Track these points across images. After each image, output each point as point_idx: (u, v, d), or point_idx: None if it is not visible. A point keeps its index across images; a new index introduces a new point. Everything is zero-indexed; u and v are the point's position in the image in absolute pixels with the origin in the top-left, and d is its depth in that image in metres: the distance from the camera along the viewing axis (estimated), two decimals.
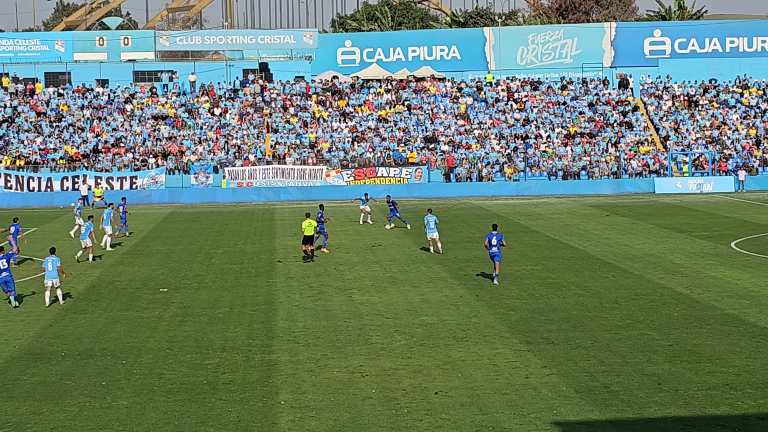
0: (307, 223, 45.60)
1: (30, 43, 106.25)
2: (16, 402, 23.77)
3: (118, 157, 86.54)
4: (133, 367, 26.83)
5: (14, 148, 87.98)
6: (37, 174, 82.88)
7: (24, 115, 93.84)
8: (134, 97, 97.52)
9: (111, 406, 23.33)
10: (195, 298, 37.10)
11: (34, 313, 34.62)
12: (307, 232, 45.54)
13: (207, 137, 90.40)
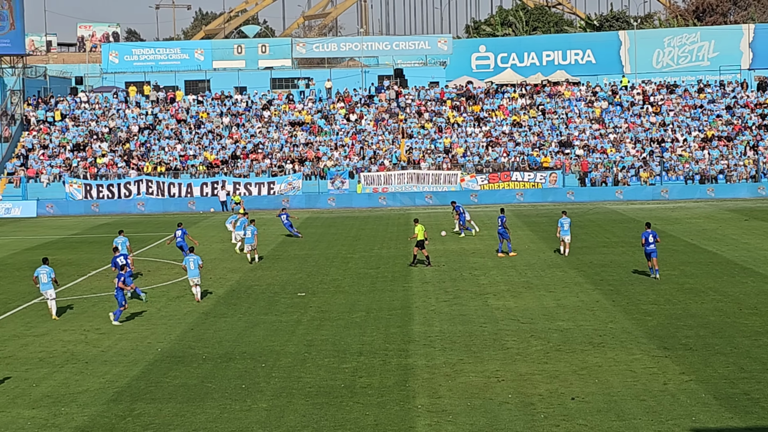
0: (419, 228, 46.00)
1: (170, 52, 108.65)
2: (159, 404, 24.34)
3: (255, 163, 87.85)
4: (272, 370, 27.26)
5: (155, 155, 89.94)
6: (177, 180, 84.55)
7: (165, 123, 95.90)
8: (272, 104, 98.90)
9: (251, 408, 23.75)
10: (332, 303, 37.51)
11: (176, 316, 35.39)
12: (420, 236, 45.86)
13: (343, 143, 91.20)
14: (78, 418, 23.20)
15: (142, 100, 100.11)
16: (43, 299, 38.53)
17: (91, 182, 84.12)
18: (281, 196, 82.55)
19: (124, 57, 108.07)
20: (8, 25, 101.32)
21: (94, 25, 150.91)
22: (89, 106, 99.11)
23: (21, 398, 25.07)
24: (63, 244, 59.53)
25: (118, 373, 27.32)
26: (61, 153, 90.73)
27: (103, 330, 33.24)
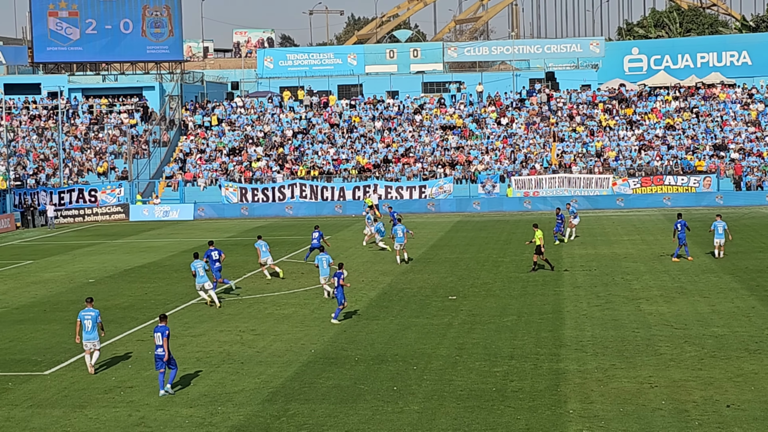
0: (538, 234, 46.02)
1: (324, 57, 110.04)
2: (313, 404, 24.72)
3: (407, 167, 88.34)
4: (424, 372, 27.45)
5: (309, 159, 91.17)
6: (330, 184, 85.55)
7: (318, 127, 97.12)
8: (423, 108, 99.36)
9: (403, 410, 23.96)
10: (483, 306, 37.56)
11: (329, 318, 35.84)
12: (538, 242, 45.90)
13: (494, 147, 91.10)
14: (234, 418, 23.73)
15: (296, 105, 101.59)
16: (201, 299, 39.53)
17: (246, 186, 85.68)
18: (432, 200, 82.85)
19: (278, 62, 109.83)
20: (167, 32, 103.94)
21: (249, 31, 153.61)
22: (245, 111, 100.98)
23: (179, 397, 25.73)
24: (219, 247, 60.67)
25: (273, 373, 27.84)
26: (218, 157, 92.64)
27: (258, 331, 33.90)
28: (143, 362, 29.59)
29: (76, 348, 31.61)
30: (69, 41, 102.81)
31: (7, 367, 29.60)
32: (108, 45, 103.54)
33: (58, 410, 24.78)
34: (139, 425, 23.31)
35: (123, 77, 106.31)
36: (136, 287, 45.04)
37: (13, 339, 33.96)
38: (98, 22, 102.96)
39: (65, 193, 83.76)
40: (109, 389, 26.61)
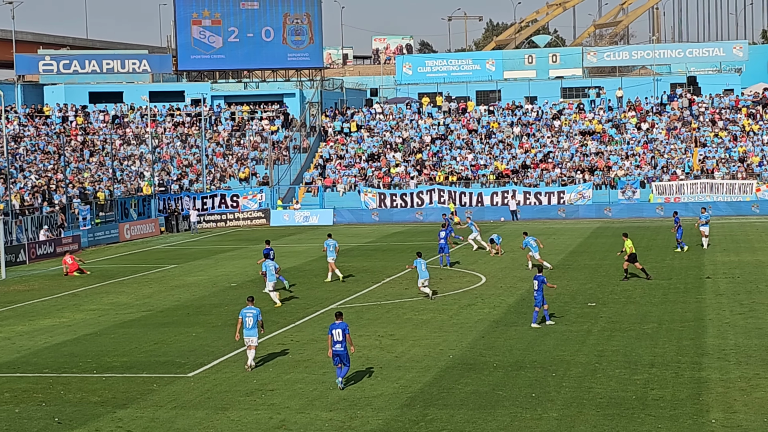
0: (628, 243, 45.76)
1: (462, 63, 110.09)
2: (451, 410, 24.78)
3: (545, 172, 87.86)
4: (563, 380, 27.30)
5: (447, 164, 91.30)
6: (468, 189, 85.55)
7: (456, 132, 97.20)
8: (562, 114, 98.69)
9: (541, 417, 23.87)
10: (623, 313, 37.17)
11: (467, 324, 35.90)
12: (629, 250, 45.63)
13: (634, 152, 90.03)
14: (373, 422, 23.92)
15: (434, 111, 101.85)
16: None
17: (385, 191, 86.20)
18: (571, 206, 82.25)
19: (417, 68, 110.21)
20: (307, 40, 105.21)
21: (388, 38, 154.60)
22: (383, 117, 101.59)
23: (319, 400, 26.03)
24: (358, 252, 61.27)
25: (411, 378, 27.98)
26: (357, 163, 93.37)
27: (397, 336, 34.09)
28: (284, 365, 30.01)
29: (219, 350, 32.26)
30: (212, 49, 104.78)
31: (152, 369, 30.30)
32: (250, 53, 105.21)
33: (201, 412, 25.28)
34: (279, 428, 23.65)
35: (264, 84, 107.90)
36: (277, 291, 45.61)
37: (157, 341, 34.75)
38: (240, 30, 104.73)
39: (208, 198, 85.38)
40: (250, 392, 27.06)
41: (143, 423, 24.36)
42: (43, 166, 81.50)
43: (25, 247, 62.37)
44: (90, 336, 36.32)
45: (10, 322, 40.12)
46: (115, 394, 27.31)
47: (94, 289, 48.46)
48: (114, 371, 30.10)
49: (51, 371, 30.36)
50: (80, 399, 26.88)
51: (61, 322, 39.52)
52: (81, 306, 43.72)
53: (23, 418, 25.12)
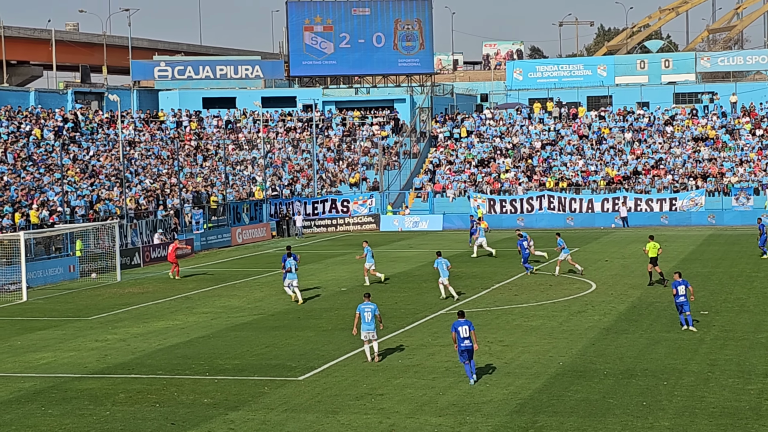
0: (651, 246, 46.07)
1: (573, 68, 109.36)
2: (561, 417, 24.66)
3: (657, 179, 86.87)
4: (675, 388, 26.99)
5: (557, 170, 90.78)
6: (578, 195, 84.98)
7: (567, 138, 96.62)
8: (674, 119, 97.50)
9: (653, 426, 23.63)
10: (736, 322, 36.64)
11: (577, 331, 35.70)
12: (652, 253, 46.03)
13: (748, 158, 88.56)
14: (482, 428, 23.90)
15: (545, 116, 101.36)
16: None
17: (495, 197, 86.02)
18: (683, 213, 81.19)
19: (527, 74, 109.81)
20: (418, 45, 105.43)
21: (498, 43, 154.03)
22: (494, 123, 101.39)
23: (428, 405, 26.09)
24: (466, 258, 61.19)
25: (521, 385, 27.91)
26: (467, 168, 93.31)
27: (506, 342, 34.02)
28: (393, 370, 30.15)
29: (330, 354, 32.52)
30: (323, 55, 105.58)
31: (264, 372, 30.65)
32: (361, 58, 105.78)
33: (311, 415, 25.52)
34: None
35: (375, 90, 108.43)
36: (387, 296, 45.81)
37: (269, 345, 35.14)
38: (351, 36, 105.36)
39: (318, 203, 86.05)
40: (360, 396, 27.24)
41: (254, 425, 24.67)
42: (158, 170, 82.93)
43: (140, 250, 63.54)
44: (203, 338, 36.89)
45: (125, 323, 40.92)
46: (227, 396, 27.69)
47: (206, 293, 49.17)
48: (226, 374, 30.53)
49: (164, 373, 30.90)
50: (193, 401, 27.32)
51: (175, 325, 40.19)
52: (194, 309, 44.41)
53: (138, 418, 25.61)
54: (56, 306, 47.12)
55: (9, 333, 39.65)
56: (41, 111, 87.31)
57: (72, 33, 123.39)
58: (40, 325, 41.29)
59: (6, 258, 52.98)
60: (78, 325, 40.95)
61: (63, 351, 35.21)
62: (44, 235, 58.14)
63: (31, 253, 56.40)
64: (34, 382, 30.24)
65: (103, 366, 32.31)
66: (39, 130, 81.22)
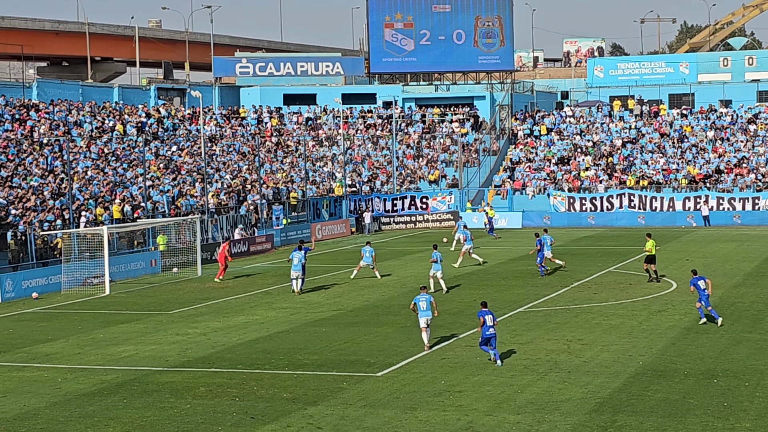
0: (650, 244, 46.97)
1: (655, 66, 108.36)
2: (641, 416, 24.50)
3: (740, 177, 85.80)
4: (756, 389, 26.69)
5: (638, 168, 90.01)
6: (659, 194, 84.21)
7: (648, 136, 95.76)
8: (758, 117, 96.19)
9: (734, 427, 23.39)
10: None
11: (657, 330, 35.43)
12: (651, 251, 47.06)
13: None
14: (561, 426, 23.83)
15: (625, 114, 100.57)
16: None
17: (575, 195, 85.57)
18: (765, 212, 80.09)
19: (609, 71, 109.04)
20: (498, 42, 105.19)
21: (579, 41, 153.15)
22: (574, 120, 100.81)
23: (506, 403, 26.07)
24: None
25: (600, 383, 27.76)
26: (546, 166, 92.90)
27: (585, 341, 33.86)
28: (472, 367, 30.15)
29: (408, 351, 32.62)
30: (403, 52, 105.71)
31: (342, 368, 30.80)
32: (441, 55, 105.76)
33: (389, 411, 25.61)
34: (467, 429, 23.78)
35: (455, 87, 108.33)
36: (466, 294, 45.83)
37: (347, 340, 35.31)
38: (432, 33, 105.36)
39: (398, 199, 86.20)
40: (438, 393, 27.28)
41: (333, 420, 24.82)
42: (238, 166, 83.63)
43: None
44: (282, 333, 37.16)
45: (205, 318, 41.35)
46: (306, 391, 27.88)
47: (286, 288, 49.47)
48: (305, 369, 30.73)
49: (244, 367, 31.18)
50: (272, 395, 27.54)
51: (255, 320, 40.53)
52: (273, 304, 44.74)
53: (218, 412, 25.89)
54: (138, 300, 47.75)
55: (92, 326, 40.27)
56: (124, 107, 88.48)
57: (155, 30, 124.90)
58: (123, 319, 41.88)
59: (89, 252, 53.77)
60: (159, 319, 41.47)
61: (145, 344, 35.69)
62: (127, 230, 58.93)
63: (113, 247, 57.21)
64: (116, 374, 30.69)
65: (184, 360, 32.70)
66: (122, 126, 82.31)
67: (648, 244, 47.34)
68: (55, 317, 43.14)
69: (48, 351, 34.93)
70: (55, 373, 31.13)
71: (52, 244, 54.67)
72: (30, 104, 79.21)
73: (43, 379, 30.35)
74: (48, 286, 50.95)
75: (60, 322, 41.55)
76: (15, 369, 32.00)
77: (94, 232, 53.89)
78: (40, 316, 43.57)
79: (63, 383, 29.64)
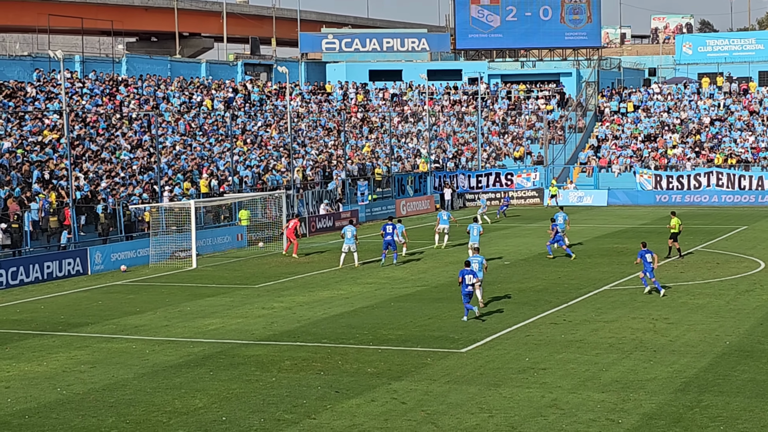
0: (675, 221, 47.66)
1: (745, 43, 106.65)
2: (727, 396, 24.28)
3: None
4: None
5: (726, 147, 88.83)
6: (748, 173, 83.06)
7: (737, 114, 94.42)
8: None
9: None
10: None
11: (744, 310, 35.05)
12: (675, 229, 47.51)
13: None
14: (646, 405, 23.70)
15: (714, 91, 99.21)
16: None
17: (661, 173, 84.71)
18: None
19: (697, 48, 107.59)
20: (585, 18, 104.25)
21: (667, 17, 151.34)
22: (661, 98, 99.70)
23: (591, 381, 25.98)
24: (631, 234, 60.53)
25: (686, 363, 27.55)
26: (632, 144, 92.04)
27: (672, 320, 33.59)
28: (556, 345, 30.07)
29: (492, 328, 32.64)
30: (489, 28, 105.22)
31: (426, 343, 30.89)
32: (527, 32, 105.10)
33: (473, 387, 25.65)
34: (551, 407, 23.76)
35: (541, 63, 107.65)
36: (550, 271, 45.69)
37: (431, 316, 35.38)
38: (518, 9, 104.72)
39: (482, 176, 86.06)
40: (522, 369, 27.27)
41: (417, 396, 24.92)
42: (324, 142, 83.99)
43: (306, 220, 64.52)
44: (366, 308, 37.35)
45: (291, 292, 41.68)
46: (390, 366, 28.01)
47: (371, 264, 49.67)
48: (389, 344, 30.87)
49: (329, 341, 31.40)
50: (357, 369, 27.71)
51: (339, 294, 40.77)
52: (358, 279, 44.95)
53: (302, 385, 26.11)
54: (224, 273, 48.27)
55: (179, 299, 40.81)
56: (212, 82, 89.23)
57: (242, 6, 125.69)
58: (209, 292, 42.39)
59: (177, 225, 54.44)
60: (245, 293, 41.90)
61: (231, 318, 36.08)
62: (214, 204, 59.55)
63: (200, 221, 57.85)
64: (203, 347, 31.09)
65: (270, 333, 33.00)
66: (210, 101, 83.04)
67: (672, 221, 47.79)
68: (143, 290, 43.79)
69: (136, 323, 35.47)
70: (143, 344, 31.62)
71: (140, 217, 55.42)
72: (119, 79, 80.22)
73: (131, 350, 30.84)
74: (136, 259, 51.72)
75: (148, 295, 42.16)
76: (104, 340, 32.55)
77: (181, 206, 54.53)
78: (129, 289, 44.25)
79: (150, 355, 30.10)
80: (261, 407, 24.20)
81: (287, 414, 23.58)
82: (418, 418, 23.06)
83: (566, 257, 49.72)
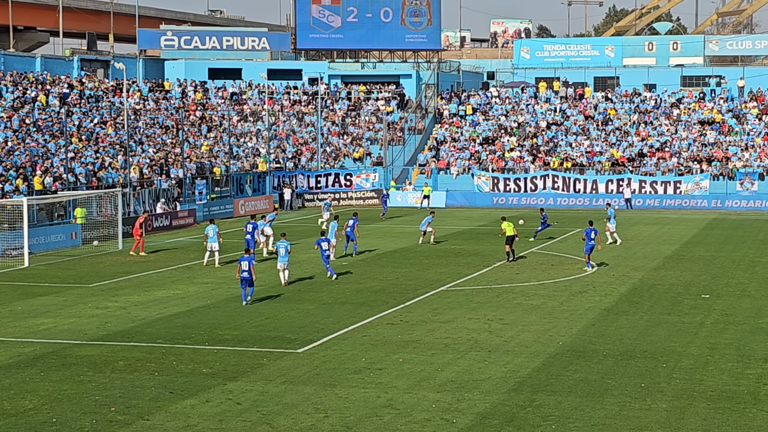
0: (506, 225, 48.43)
1: (581, 49, 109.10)
2: (559, 396, 24.65)
3: (662, 161, 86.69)
4: (673, 371, 26.97)
5: (562, 150, 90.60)
6: (582, 176, 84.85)
7: (573, 119, 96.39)
8: (681, 102, 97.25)
9: (650, 408, 23.61)
10: (737, 306, 36.60)
11: (578, 311, 35.68)
12: (509, 232, 48.23)
13: (754, 143, 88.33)
14: (480, 405, 23.90)
15: (551, 96, 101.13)
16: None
17: (499, 175, 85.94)
18: (687, 196, 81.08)
19: (535, 53, 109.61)
20: (426, 21, 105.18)
21: (506, 22, 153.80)
22: (500, 101, 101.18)
23: (426, 381, 26.08)
24: (469, 235, 61.22)
25: (520, 363, 27.89)
26: (471, 146, 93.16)
27: (507, 320, 34.00)
28: (393, 345, 30.14)
29: (329, 328, 32.56)
30: (330, 29, 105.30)
31: (263, 344, 30.64)
32: (368, 33, 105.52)
33: (309, 387, 25.51)
34: (387, 407, 23.76)
35: (381, 65, 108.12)
36: (388, 271, 45.86)
37: (268, 317, 35.11)
38: (359, 10, 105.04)
39: (322, 176, 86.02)
40: (359, 370, 27.23)
41: (253, 396, 24.67)
42: (162, 140, 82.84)
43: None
44: (203, 309, 36.90)
45: (125, 291, 40.94)
46: (225, 366, 27.70)
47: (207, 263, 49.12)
48: (225, 344, 30.54)
49: (164, 341, 30.90)
50: (192, 370, 27.32)
51: (175, 294, 40.21)
52: (194, 279, 44.41)
53: (136, 386, 25.62)
54: (57, 272, 47.16)
55: (10, 298, 39.69)
56: (47, 77, 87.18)
57: (79, 0, 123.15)
58: (41, 291, 41.34)
59: (8, 223, 52.97)
60: (79, 292, 40.99)
61: (63, 317, 35.24)
62: (47, 202, 58.14)
63: (33, 219, 56.41)
64: (34, 347, 30.26)
65: (103, 333, 32.32)
66: (44, 97, 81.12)
67: (503, 225, 48.77)
68: None
69: None
70: None
71: None
72: None
73: None
74: None
75: None
76: None
77: (14, 203, 53.07)
78: None
79: None
80: (93, 408, 23.65)
81: (120, 415, 23.10)
82: (254, 418, 22.83)
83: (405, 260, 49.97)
